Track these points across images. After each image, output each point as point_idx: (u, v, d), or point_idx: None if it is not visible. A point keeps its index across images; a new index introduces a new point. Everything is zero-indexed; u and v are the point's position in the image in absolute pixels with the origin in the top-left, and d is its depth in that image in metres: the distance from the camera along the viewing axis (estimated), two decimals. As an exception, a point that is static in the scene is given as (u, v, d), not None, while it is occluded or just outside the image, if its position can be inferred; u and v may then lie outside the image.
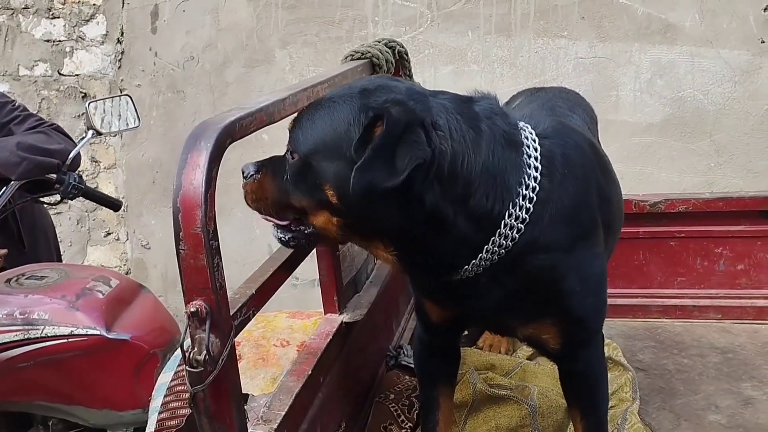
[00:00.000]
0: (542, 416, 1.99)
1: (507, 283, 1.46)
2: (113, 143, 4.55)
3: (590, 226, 1.53)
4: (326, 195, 1.32)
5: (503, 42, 3.83)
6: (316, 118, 1.37)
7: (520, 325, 1.61)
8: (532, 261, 1.43)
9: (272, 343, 2.17)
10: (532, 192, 1.39)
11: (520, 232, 1.39)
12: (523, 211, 1.39)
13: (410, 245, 1.39)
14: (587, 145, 1.66)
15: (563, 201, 1.44)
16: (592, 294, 1.56)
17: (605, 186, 1.67)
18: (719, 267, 2.75)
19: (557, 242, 1.44)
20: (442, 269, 1.44)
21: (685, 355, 2.49)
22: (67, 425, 2.31)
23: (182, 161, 1.12)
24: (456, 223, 1.35)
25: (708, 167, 3.69)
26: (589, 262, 1.53)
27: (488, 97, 1.49)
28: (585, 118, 2.06)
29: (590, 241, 1.53)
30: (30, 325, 2.14)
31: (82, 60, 4.48)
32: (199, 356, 1.11)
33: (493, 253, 1.40)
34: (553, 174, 1.44)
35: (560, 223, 1.44)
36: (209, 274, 1.11)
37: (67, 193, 2.65)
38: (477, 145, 1.35)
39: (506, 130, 1.41)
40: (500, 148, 1.38)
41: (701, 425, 2.07)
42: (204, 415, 1.15)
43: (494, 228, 1.38)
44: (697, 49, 3.61)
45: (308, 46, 4.08)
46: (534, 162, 1.41)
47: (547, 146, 1.47)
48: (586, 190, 1.53)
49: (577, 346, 1.63)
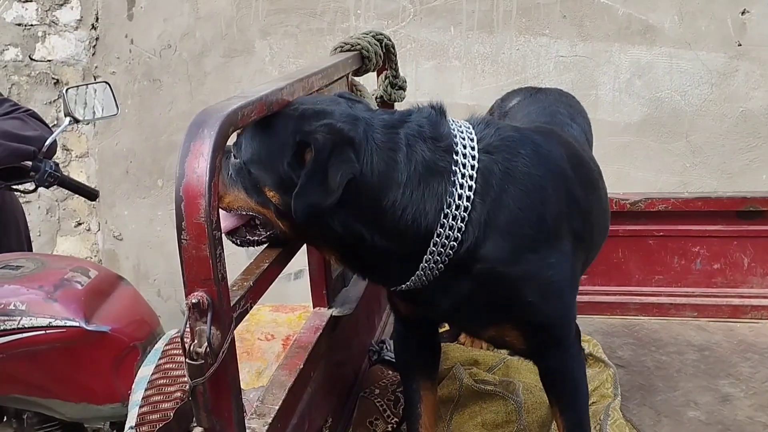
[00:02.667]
0: (527, 412, 2.00)
1: (457, 292, 1.52)
2: (86, 131, 4.45)
3: (544, 237, 1.53)
4: (267, 195, 1.42)
5: (485, 38, 3.84)
6: (257, 132, 1.44)
7: (480, 329, 1.68)
8: (473, 273, 1.48)
9: (257, 337, 2.14)
10: (464, 212, 1.43)
11: (453, 249, 1.44)
12: (454, 231, 1.43)
13: (351, 255, 1.50)
14: (556, 157, 1.64)
15: (500, 218, 1.46)
16: (550, 302, 1.57)
17: (584, 198, 1.68)
18: (696, 266, 2.79)
19: (496, 256, 1.47)
20: (385, 279, 1.56)
21: (663, 352, 2.52)
22: (42, 419, 2.25)
23: (185, 149, 1.10)
24: (376, 242, 1.43)
25: (683, 167, 3.75)
26: (543, 272, 1.53)
27: (426, 115, 1.50)
28: (584, 127, 2.08)
29: (543, 252, 1.53)
30: (6, 316, 2.08)
31: (55, 45, 4.37)
32: (199, 348, 1.09)
33: (431, 270, 1.47)
34: (487, 193, 1.46)
35: (498, 239, 1.47)
36: (211, 265, 1.09)
37: (42, 181, 2.58)
38: (386, 177, 1.40)
39: (427, 157, 1.44)
40: (416, 177, 1.42)
41: (681, 422, 2.10)
42: (203, 408, 1.13)
43: (422, 249, 1.45)
44: (676, 50, 3.66)
45: (289, 37, 4.04)
46: (467, 182, 1.44)
47: (486, 163, 1.48)
48: (540, 202, 1.53)
49: (545, 346, 1.65)
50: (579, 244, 1.64)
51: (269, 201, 1.43)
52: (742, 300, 2.74)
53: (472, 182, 1.44)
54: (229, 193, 1.48)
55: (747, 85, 3.62)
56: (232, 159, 1.48)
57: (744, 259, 2.74)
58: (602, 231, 1.91)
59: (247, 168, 1.44)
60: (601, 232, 1.90)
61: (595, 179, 1.83)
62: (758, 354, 2.46)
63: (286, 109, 1.44)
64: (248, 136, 1.46)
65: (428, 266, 1.46)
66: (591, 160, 1.91)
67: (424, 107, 1.54)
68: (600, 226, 1.85)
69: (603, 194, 1.89)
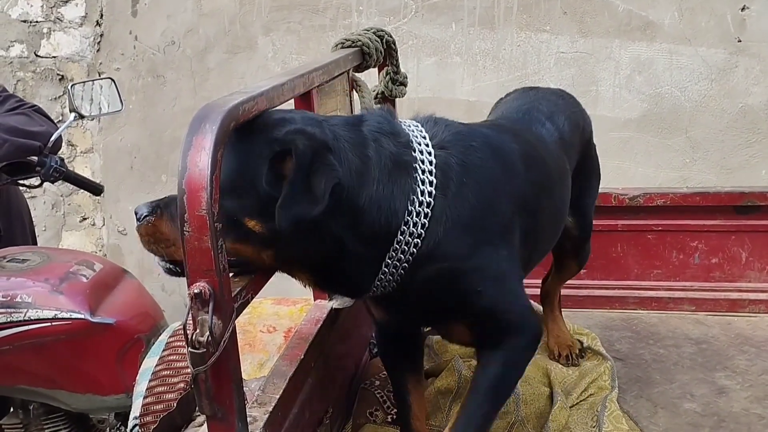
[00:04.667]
0: (525, 403, 2.03)
1: (415, 293, 1.50)
2: (90, 127, 4.49)
3: (499, 229, 1.54)
4: (248, 227, 1.30)
5: (486, 35, 3.86)
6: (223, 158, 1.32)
7: (435, 326, 1.72)
8: (431, 271, 1.46)
9: (258, 329, 2.18)
10: (427, 207, 1.42)
11: (417, 246, 1.43)
12: (418, 227, 1.42)
13: (326, 269, 1.43)
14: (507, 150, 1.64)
15: (461, 212, 1.46)
16: (503, 293, 1.57)
17: (533, 198, 1.67)
18: (694, 260, 2.81)
19: (455, 252, 1.47)
20: (354, 290, 1.53)
21: (660, 345, 2.54)
22: (47, 410, 2.29)
23: (187, 143, 1.12)
24: (353, 248, 1.39)
25: (683, 163, 3.77)
26: (497, 264, 1.54)
27: (379, 114, 1.49)
28: (563, 128, 1.99)
29: (497, 244, 1.54)
30: (13, 308, 2.12)
31: (60, 42, 4.41)
32: (201, 337, 1.12)
33: (393, 272, 1.45)
34: (447, 187, 1.45)
35: (458, 234, 1.46)
36: (213, 255, 1.11)
37: (48, 176, 2.62)
38: (361, 174, 1.37)
39: (393, 151, 1.42)
40: (386, 173, 1.40)
41: (677, 413, 2.12)
42: (205, 396, 1.16)
43: (384, 251, 1.42)
44: (676, 46, 3.68)
45: (291, 33, 4.07)
46: (428, 177, 1.43)
47: (443, 158, 1.47)
48: (493, 197, 1.53)
49: (494, 334, 1.61)
50: (525, 241, 1.63)
51: (250, 233, 1.31)
52: (740, 294, 2.76)
53: (432, 177, 1.44)
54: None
55: (747, 81, 3.64)
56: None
57: (742, 253, 2.76)
58: (549, 237, 1.89)
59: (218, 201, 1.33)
60: (548, 239, 1.89)
61: (549, 184, 1.80)
62: (755, 347, 2.49)
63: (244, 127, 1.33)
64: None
65: (389, 270, 1.44)
66: (552, 163, 1.85)
67: (374, 109, 1.53)
68: (547, 232, 1.85)
69: (557, 201, 1.86)
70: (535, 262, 1.86)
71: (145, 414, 1.97)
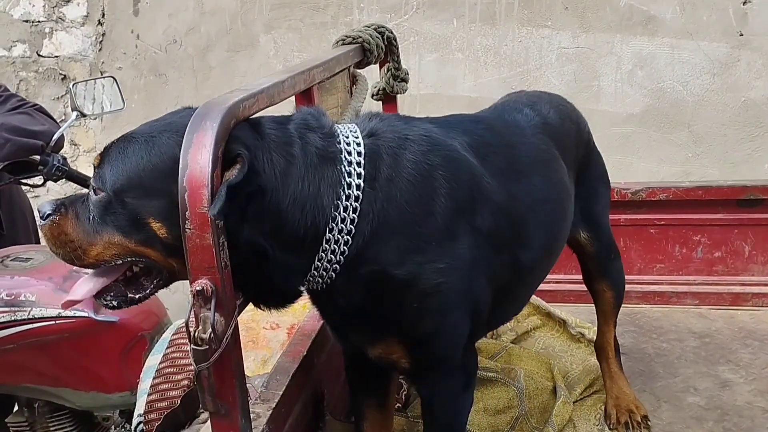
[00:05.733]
0: (529, 398, 2.04)
1: (346, 301, 1.37)
2: (93, 126, 4.50)
3: (432, 236, 1.35)
4: (152, 228, 1.22)
5: (488, 31, 3.86)
6: (130, 153, 1.25)
7: (368, 344, 1.48)
8: (361, 277, 1.33)
9: (262, 326, 2.18)
10: (355, 201, 1.29)
11: (346, 247, 1.30)
12: (347, 223, 1.29)
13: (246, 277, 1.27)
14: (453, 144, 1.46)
15: (388, 211, 1.32)
16: (432, 315, 1.39)
17: (498, 189, 1.48)
18: (697, 254, 2.81)
19: (383, 256, 1.32)
20: (281, 300, 1.38)
21: (664, 339, 2.55)
22: (52, 407, 2.31)
23: (188, 141, 1.13)
24: (275, 256, 1.26)
25: (686, 157, 3.77)
26: (429, 277, 1.35)
27: (306, 111, 1.39)
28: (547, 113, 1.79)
29: (430, 253, 1.35)
30: (16, 307, 2.13)
31: (62, 41, 4.42)
32: (204, 334, 1.12)
33: (323, 275, 1.32)
34: (375, 179, 1.32)
35: (386, 236, 1.32)
36: (215, 253, 1.12)
37: (50, 175, 2.62)
38: (286, 175, 1.25)
39: (319, 145, 1.31)
40: (312, 169, 1.28)
41: (681, 407, 2.13)
42: (208, 392, 1.16)
43: (313, 253, 1.30)
44: (677, 41, 3.68)
45: (293, 31, 4.08)
46: (355, 168, 1.31)
47: (371, 146, 1.34)
48: (429, 195, 1.36)
49: (424, 368, 1.49)
50: (489, 246, 1.44)
51: (154, 236, 1.22)
52: (743, 288, 2.76)
53: (360, 168, 1.31)
54: (96, 242, 1.25)
55: (749, 75, 3.64)
56: (92, 198, 1.26)
57: (745, 247, 2.77)
58: (543, 224, 1.64)
59: (121, 199, 1.22)
60: (542, 225, 1.63)
61: (524, 167, 1.60)
62: (758, 341, 2.49)
63: (153, 128, 1.29)
64: (115, 163, 1.25)
65: (319, 273, 1.31)
66: (524, 147, 1.66)
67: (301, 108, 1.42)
68: (538, 220, 1.61)
69: (539, 186, 1.63)
70: (536, 260, 1.64)
71: (149, 411, 1.98)
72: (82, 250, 1.27)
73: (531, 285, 1.76)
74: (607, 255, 2.01)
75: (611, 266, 2.04)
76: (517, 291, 1.68)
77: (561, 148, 1.77)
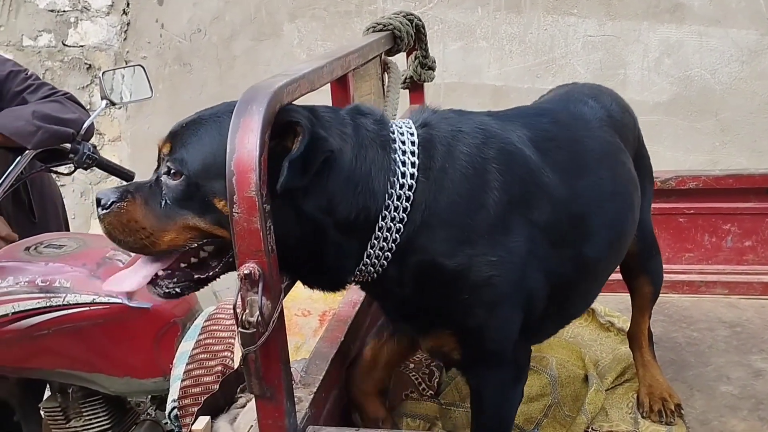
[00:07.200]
0: (561, 386, 2.03)
1: (400, 291, 1.38)
2: (118, 116, 4.53)
3: (484, 229, 1.35)
4: (219, 208, 1.23)
5: (513, 19, 3.84)
6: (203, 135, 1.27)
7: (422, 336, 1.50)
8: (412, 267, 1.34)
9: (293, 313, 2.19)
10: (408, 190, 1.30)
11: (398, 235, 1.31)
12: (399, 212, 1.30)
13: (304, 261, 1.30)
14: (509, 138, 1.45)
15: (439, 202, 1.32)
16: (483, 308, 1.39)
17: (558, 184, 1.47)
18: (727, 243, 2.79)
19: (433, 247, 1.32)
20: (332, 283, 1.39)
21: (694, 328, 2.53)
22: (86, 392, 2.32)
23: (235, 125, 1.13)
24: (331, 234, 1.28)
25: (713, 146, 3.74)
26: (480, 270, 1.34)
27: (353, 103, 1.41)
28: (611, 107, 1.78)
29: (482, 246, 1.34)
30: (52, 293, 2.15)
31: (87, 31, 4.44)
32: (251, 318, 1.13)
33: (375, 263, 1.33)
34: (429, 168, 1.32)
35: (435, 226, 1.32)
36: (262, 237, 1.12)
37: (81, 163, 2.65)
38: (342, 152, 1.26)
39: (371, 129, 1.32)
40: (365, 150, 1.29)
41: (714, 396, 2.11)
42: (254, 375, 1.17)
43: (365, 240, 1.30)
44: (705, 28, 3.64)
45: (317, 20, 4.07)
46: (409, 157, 1.31)
47: (425, 135, 1.35)
48: (481, 188, 1.35)
49: (475, 361, 1.49)
50: (547, 240, 1.43)
51: (223, 216, 1.21)
52: (773, 277, 2.74)
53: (414, 158, 1.32)
54: (170, 227, 1.26)
55: (778, 63, 3.60)
56: (169, 183, 1.26)
57: (775, 236, 2.74)
58: (609, 219, 1.61)
59: (198, 182, 1.24)
60: (608, 220, 1.61)
61: (589, 161, 1.59)
62: (791, 330, 2.47)
63: (218, 110, 1.31)
64: (189, 146, 1.27)
65: (371, 261, 1.32)
66: (590, 141, 1.64)
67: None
68: (604, 215, 1.59)
69: (605, 181, 1.61)
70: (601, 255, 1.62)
71: (183, 397, 2.00)
72: (155, 237, 1.27)
73: (598, 280, 1.73)
74: (649, 252, 2.01)
75: (652, 262, 2.05)
76: (582, 286, 1.66)
77: (623, 140, 1.76)
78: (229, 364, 1.99)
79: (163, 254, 1.30)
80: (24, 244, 2.35)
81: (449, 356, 1.48)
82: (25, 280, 2.17)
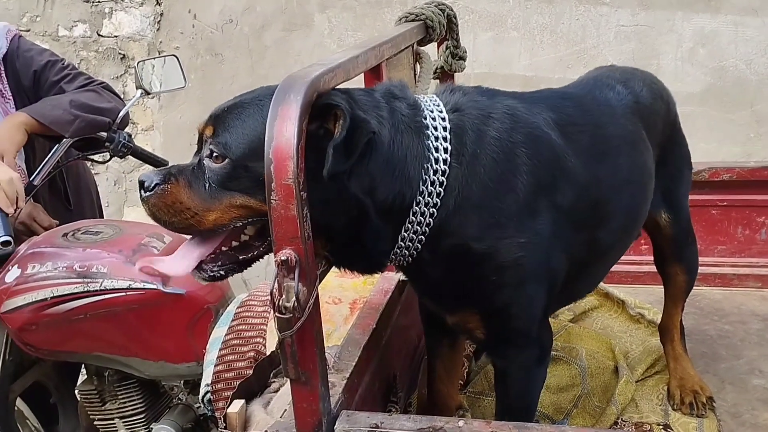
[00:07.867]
0: (591, 376, 2.03)
1: (432, 271, 1.43)
2: (151, 105, 4.59)
3: (513, 212, 1.38)
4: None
5: (544, 8, 3.81)
6: (246, 118, 1.30)
7: (447, 312, 1.55)
8: (444, 250, 1.38)
9: (325, 300, 2.20)
10: (442, 176, 1.33)
11: (432, 219, 1.34)
12: (433, 197, 1.33)
13: (345, 240, 1.33)
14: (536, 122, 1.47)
15: (471, 186, 1.35)
16: (511, 288, 1.42)
17: (581, 169, 1.49)
18: (760, 236, 2.76)
19: (464, 231, 1.36)
20: (368, 265, 1.42)
21: (725, 321, 2.51)
22: (121, 376, 2.37)
23: (273, 113, 1.15)
24: (372, 216, 1.31)
25: (747, 137, 3.68)
26: (509, 251, 1.38)
27: (389, 83, 1.43)
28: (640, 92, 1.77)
29: (511, 228, 1.38)
30: (89, 278, 2.20)
31: (121, 21, 4.50)
32: (287, 303, 1.15)
33: (409, 246, 1.37)
34: (461, 154, 1.35)
35: (467, 210, 1.35)
36: (299, 224, 1.14)
37: (117, 152, 2.70)
38: (380, 134, 1.29)
39: (405, 113, 1.35)
40: (400, 135, 1.32)
41: (746, 389, 2.10)
42: (291, 360, 1.20)
43: (400, 224, 1.34)
44: (741, 17, 3.59)
45: (347, 10, 4.08)
46: (441, 143, 1.34)
47: (456, 121, 1.37)
48: (511, 171, 1.38)
49: (501, 341, 1.53)
50: (568, 223, 1.46)
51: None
52: (807, 271, 2.70)
53: (447, 143, 1.34)
54: (215, 207, 1.29)
55: (816, 53, 3.53)
56: (211, 165, 1.30)
57: (810, 229, 2.70)
58: (624, 205, 1.65)
59: (244, 164, 1.27)
60: (622, 206, 1.64)
61: (610, 148, 1.60)
62: (825, 324, 2.44)
63: (258, 94, 1.33)
64: (232, 130, 1.30)
65: (405, 245, 1.36)
66: (613, 128, 1.65)
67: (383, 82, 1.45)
68: (620, 201, 1.63)
69: (628, 164, 1.64)
70: (613, 240, 1.66)
71: (216, 381, 2.03)
72: (200, 216, 1.31)
73: (606, 264, 1.77)
74: (684, 239, 2.00)
75: (687, 250, 2.03)
76: (591, 269, 1.69)
77: (650, 127, 1.76)
78: (261, 350, 2.02)
79: (209, 234, 1.34)
80: (62, 231, 2.40)
81: (473, 333, 1.53)
82: (64, 265, 2.21)
